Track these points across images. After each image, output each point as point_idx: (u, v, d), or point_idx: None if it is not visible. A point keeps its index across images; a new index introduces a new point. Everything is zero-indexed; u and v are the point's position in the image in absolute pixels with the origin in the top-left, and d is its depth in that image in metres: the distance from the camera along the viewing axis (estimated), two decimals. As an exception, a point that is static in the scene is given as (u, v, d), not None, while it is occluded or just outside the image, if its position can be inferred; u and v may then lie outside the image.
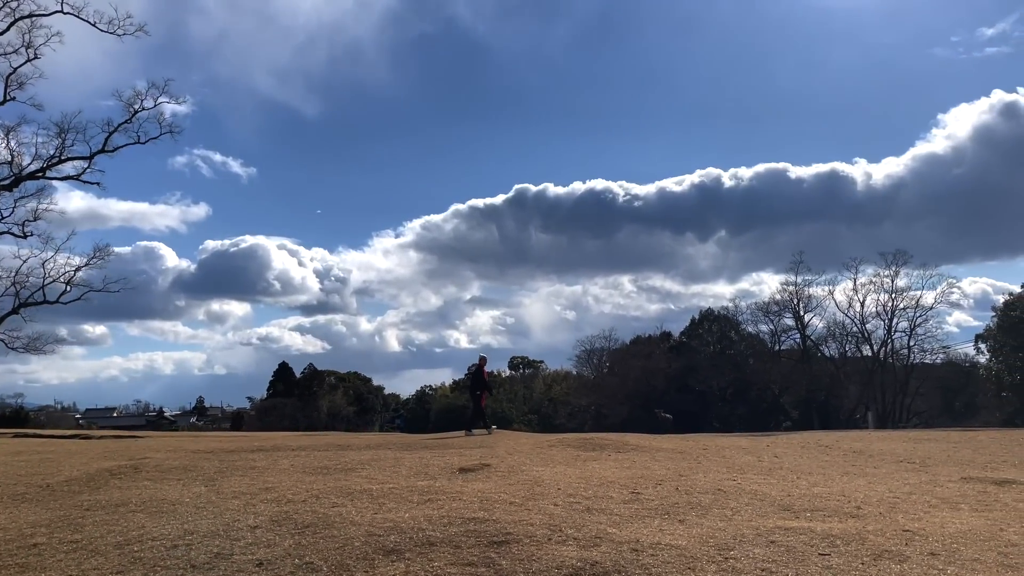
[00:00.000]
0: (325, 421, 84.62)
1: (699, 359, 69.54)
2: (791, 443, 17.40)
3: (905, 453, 15.19)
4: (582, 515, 7.97)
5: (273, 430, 76.14)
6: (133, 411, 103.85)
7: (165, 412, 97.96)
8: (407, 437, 18.59)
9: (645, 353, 70.70)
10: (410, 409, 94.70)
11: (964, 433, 23.80)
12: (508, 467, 11.28)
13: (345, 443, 15.83)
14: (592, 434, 18.90)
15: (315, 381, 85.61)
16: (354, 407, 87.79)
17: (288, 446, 15.05)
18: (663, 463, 12.26)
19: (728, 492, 9.43)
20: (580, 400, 77.62)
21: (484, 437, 18.06)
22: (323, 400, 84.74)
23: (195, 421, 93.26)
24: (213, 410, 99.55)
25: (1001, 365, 53.41)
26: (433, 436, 22.79)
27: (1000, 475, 11.60)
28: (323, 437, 19.51)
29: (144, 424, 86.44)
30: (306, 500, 8.73)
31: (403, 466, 11.42)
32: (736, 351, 71.85)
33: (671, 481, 10.14)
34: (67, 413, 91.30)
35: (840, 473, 11.67)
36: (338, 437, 19.39)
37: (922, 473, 11.93)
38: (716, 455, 13.99)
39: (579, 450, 14.02)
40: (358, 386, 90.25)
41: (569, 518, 7.79)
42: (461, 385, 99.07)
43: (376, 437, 19.45)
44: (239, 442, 16.96)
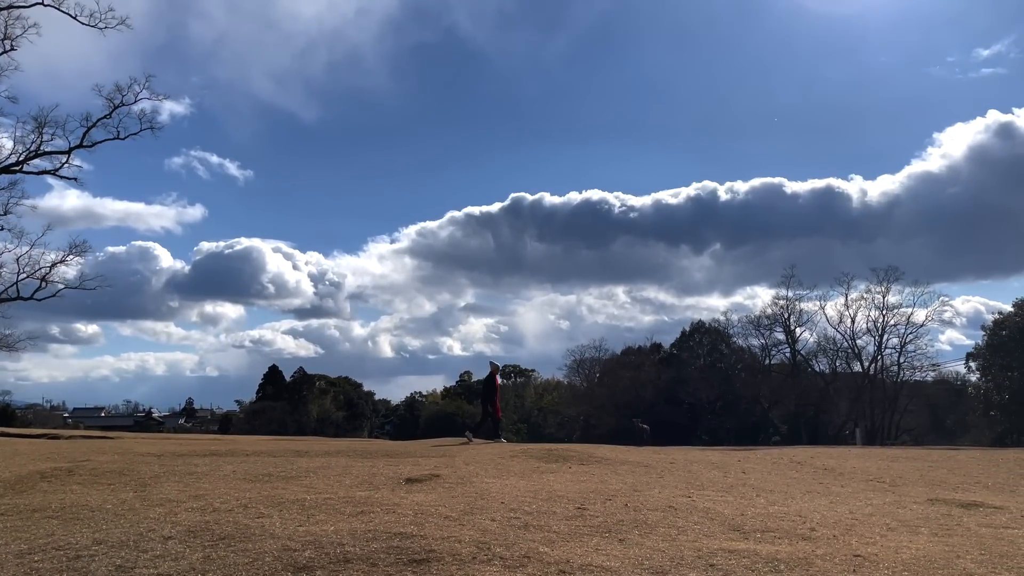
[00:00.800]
0: (314, 426, 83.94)
1: (689, 371, 69.16)
2: (764, 459, 16.95)
3: (878, 472, 14.75)
4: (517, 532, 7.52)
5: (261, 433, 75.60)
6: (123, 411, 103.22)
7: (153, 413, 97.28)
8: (370, 444, 18.13)
9: (635, 364, 70.35)
10: (400, 415, 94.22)
11: (945, 452, 23.37)
12: (458, 478, 10.83)
13: (304, 449, 15.37)
14: (560, 445, 18.45)
15: (305, 385, 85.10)
16: (343, 412, 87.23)
17: (244, 451, 14.59)
18: (623, 477, 11.82)
19: (679, 509, 8.99)
20: (570, 410, 77.18)
21: (447, 447, 17.61)
22: (312, 404, 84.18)
23: (183, 423, 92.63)
24: (202, 412, 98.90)
25: (990, 384, 53.11)
26: (424, 442, 22.34)
27: (969, 497, 11.16)
28: (285, 442, 19.03)
29: (131, 425, 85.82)
30: (232, 509, 8.27)
31: (351, 475, 10.97)
32: (726, 364, 71.48)
33: (623, 496, 9.70)
34: (55, 412, 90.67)
35: (804, 492, 11.23)
36: (300, 442, 18.91)
37: (889, 493, 11.49)
38: (682, 469, 13.55)
39: (541, 461, 13.57)
40: (348, 391, 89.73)
41: (502, 535, 7.34)
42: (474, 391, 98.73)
43: (343, 443, 18.98)
44: (198, 445, 16.49)
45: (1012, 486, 13.13)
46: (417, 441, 22.37)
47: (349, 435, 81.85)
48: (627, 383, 66.81)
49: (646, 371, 68.18)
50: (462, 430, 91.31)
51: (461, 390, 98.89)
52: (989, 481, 13.81)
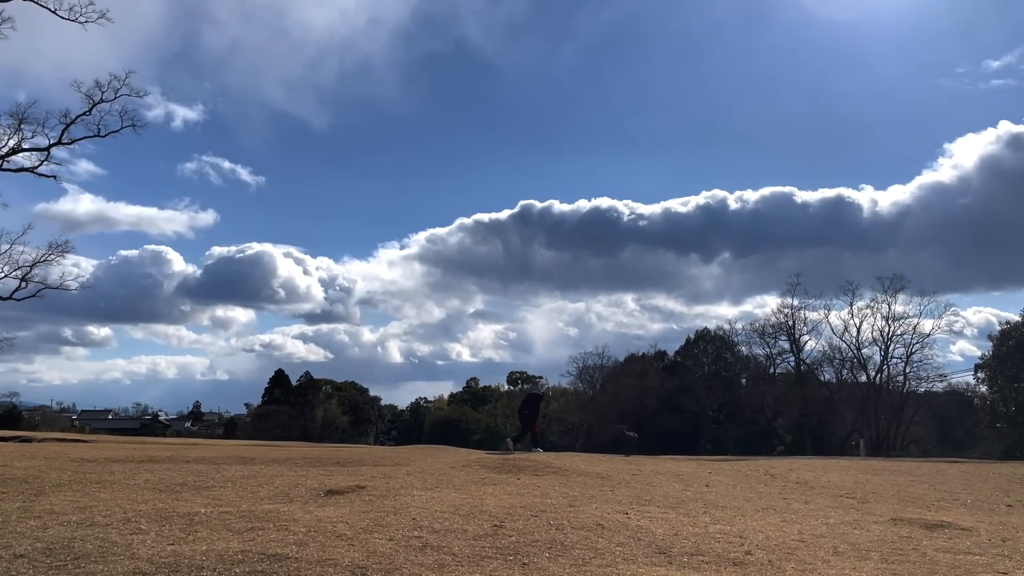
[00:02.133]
0: (319, 430, 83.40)
1: (693, 380, 68.01)
2: (736, 470, 16.03)
3: (852, 486, 13.82)
4: (409, 554, 6.71)
5: (267, 437, 75.22)
6: (132, 414, 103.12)
7: (160, 416, 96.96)
8: (329, 451, 17.31)
9: (638, 372, 69.28)
10: (404, 421, 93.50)
11: (937, 465, 22.32)
12: (386, 490, 10.02)
13: (252, 456, 14.58)
14: (527, 454, 17.61)
15: (311, 390, 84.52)
16: (349, 417, 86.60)
17: (185, 457, 13.84)
18: (569, 490, 10.97)
19: (608, 528, 8.14)
20: (573, 417, 76.17)
21: (412, 455, 16.80)
22: (318, 409, 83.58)
23: (189, 426, 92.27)
24: (209, 416, 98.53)
25: (996, 395, 51.62)
26: (394, 449, 21.54)
27: (939, 516, 10.23)
28: (246, 448, 18.24)
29: (138, 428, 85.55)
30: (111, 524, 7.50)
31: (272, 485, 10.18)
32: (731, 373, 70.31)
33: (554, 512, 8.86)
34: (63, 414, 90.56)
35: (759, 508, 10.34)
36: (260, 448, 18.13)
37: (853, 511, 10.58)
38: (641, 482, 12.68)
39: (491, 472, 12.74)
40: (354, 396, 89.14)
41: (389, 558, 6.53)
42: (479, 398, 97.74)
43: (303, 450, 18.19)
44: (151, 451, 15.78)
45: (992, 504, 12.17)
46: (389, 448, 21.58)
47: (353, 440, 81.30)
48: (630, 391, 65.72)
49: (649, 379, 67.09)
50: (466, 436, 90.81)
51: (467, 396, 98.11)
52: (969, 498, 12.85)
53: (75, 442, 22.93)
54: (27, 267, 36.55)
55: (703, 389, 66.30)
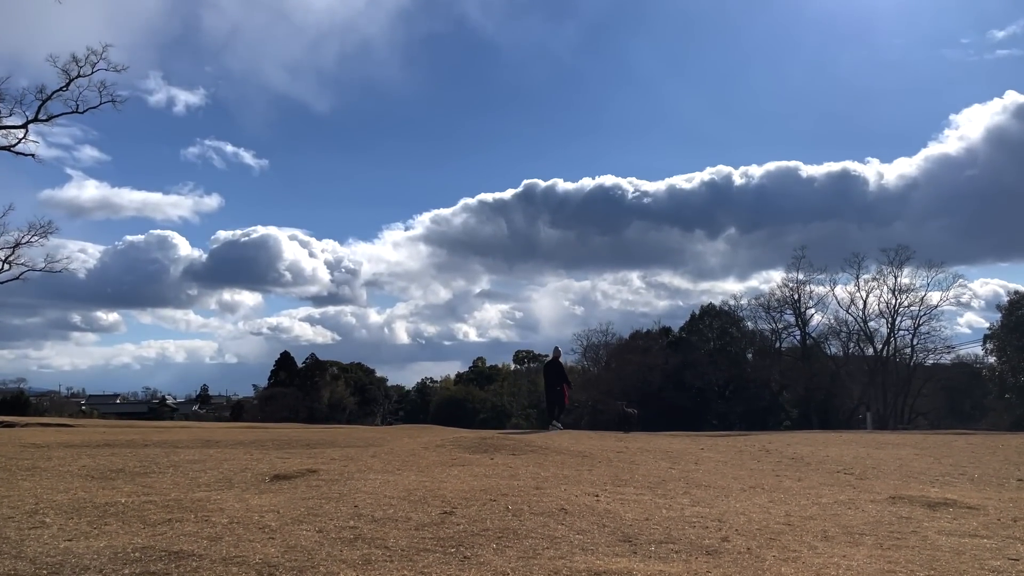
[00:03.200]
0: (326, 412, 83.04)
1: (697, 356, 67.00)
2: (731, 446, 15.16)
3: (852, 461, 12.92)
4: (336, 548, 5.87)
5: (273, 420, 74.76)
6: (142, 397, 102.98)
7: (168, 400, 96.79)
8: (301, 432, 16.49)
9: (643, 348, 68.29)
10: (411, 401, 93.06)
11: (945, 437, 21.39)
12: (339, 474, 9.19)
13: (218, 439, 13.77)
14: (509, 432, 16.75)
15: (316, 371, 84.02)
16: (356, 398, 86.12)
17: (145, 441, 13.04)
18: (542, 469, 10.11)
19: (572, 513, 7.28)
20: (579, 395, 75.35)
21: (385, 436, 16.00)
22: (324, 390, 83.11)
23: (197, 409, 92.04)
24: (217, 399, 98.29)
25: (1005, 366, 50.60)
26: (374, 429, 20.75)
27: (943, 494, 9.33)
28: (217, 431, 17.46)
29: (145, 412, 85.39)
30: (15, 517, 6.69)
31: (216, 470, 9.36)
32: (736, 348, 69.26)
33: (517, 496, 8.00)
34: (73, 399, 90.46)
35: (746, 487, 9.46)
36: (230, 431, 17.32)
37: (849, 488, 9.69)
38: (625, 460, 11.82)
39: (466, 451, 11.90)
40: (360, 377, 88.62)
41: (310, 553, 5.70)
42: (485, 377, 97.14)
43: (276, 432, 17.41)
44: (121, 434, 15.00)
45: (1001, 479, 11.25)
46: (375, 428, 20.77)
47: (360, 421, 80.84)
48: (635, 368, 64.77)
49: (654, 355, 66.10)
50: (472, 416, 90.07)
51: (473, 376, 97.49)
52: (977, 472, 11.93)
53: (59, 426, 22.22)
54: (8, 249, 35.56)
55: (708, 365, 65.28)
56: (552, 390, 23.29)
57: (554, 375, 23.43)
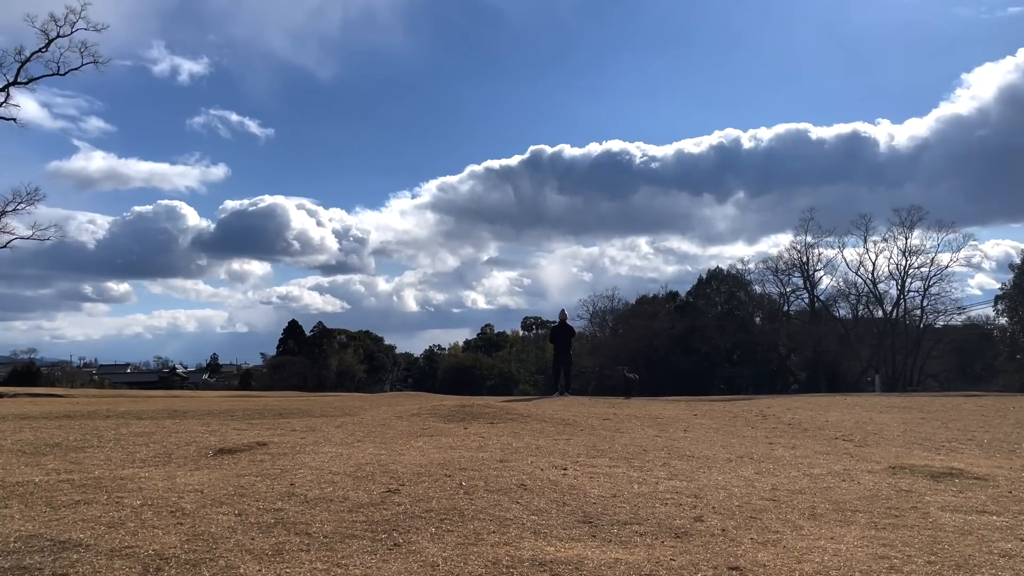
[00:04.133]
0: (335, 379, 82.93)
1: (705, 320, 66.10)
2: (727, 411, 14.36)
3: (853, 426, 12.12)
4: (248, 535, 5.12)
5: (282, 388, 74.63)
6: (153, 367, 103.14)
7: (177, 369, 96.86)
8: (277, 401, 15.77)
9: (650, 313, 67.46)
10: (419, 368, 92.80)
11: (954, 400, 20.53)
12: (291, 446, 8.44)
13: (184, 409, 13.12)
14: (491, 399, 16.01)
15: (324, 339, 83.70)
16: (364, 366, 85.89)
17: (107, 412, 12.36)
18: (516, 440, 9.34)
19: (532, 489, 6.51)
20: (586, 361, 74.76)
21: (369, 403, 15.30)
22: (332, 359, 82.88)
23: (207, 378, 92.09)
24: (227, 368, 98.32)
25: (1016, 326, 49.53)
26: (357, 397, 20.11)
27: (948, 462, 8.51)
28: (183, 400, 16.80)
29: (156, 381, 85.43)
30: (-94, 499, 5.99)
31: (159, 445, 8.63)
32: (743, 312, 68.31)
33: (477, 470, 7.24)
34: (84, 369, 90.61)
35: (735, 457, 8.67)
36: (210, 400, 16.66)
37: (847, 457, 8.89)
38: (609, 428, 11.05)
39: (440, 420, 11.15)
40: (369, 345, 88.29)
41: (215, 542, 4.95)
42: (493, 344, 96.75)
43: (248, 401, 16.73)
44: (90, 404, 14.39)
45: (1013, 444, 10.42)
46: (361, 396, 20.11)
47: (369, 389, 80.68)
48: (641, 333, 64.00)
49: (660, 320, 65.29)
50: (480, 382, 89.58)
51: (481, 343, 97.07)
52: (987, 437, 11.10)
53: (49, 396, 21.69)
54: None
55: (715, 329, 64.39)
56: (561, 355, 22.45)
57: (562, 339, 22.49)
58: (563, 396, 20.17)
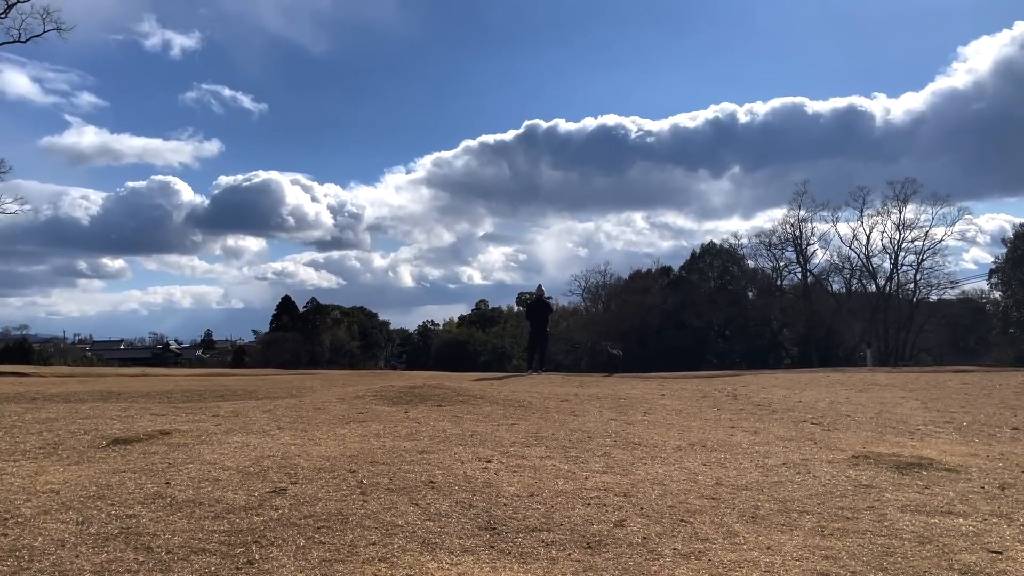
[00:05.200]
0: (328, 356, 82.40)
1: (697, 295, 65.36)
2: (697, 390, 13.56)
3: (826, 408, 11.32)
4: (77, 550, 4.33)
5: (275, 364, 74.05)
6: (149, 343, 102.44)
7: (171, 345, 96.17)
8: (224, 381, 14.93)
9: (642, 288, 66.69)
10: (413, 344, 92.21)
11: (939, 376, 19.74)
12: (195, 436, 7.63)
13: (121, 390, 12.32)
14: (448, 380, 15.22)
15: (317, 315, 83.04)
16: (358, 342, 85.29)
17: (43, 393, 11.56)
18: (453, 426, 8.54)
19: (440, 488, 5.72)
20: (578, 336, 74.10)
21: (309, 385, 14.52)
22: (326, 334, 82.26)
23: (200, 354, 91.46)
24: (222, 344, 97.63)
25: (1009, 300, 48.78)
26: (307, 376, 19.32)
27: (918, 450, 7.72)
28: (129, 381, 15.99)
29: (149, 357, 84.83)
30: None
31: (52, 433, 7.80)
32: (737, 286, 67.54)
33: (388, 463, 6.44)
34: (77, 345, 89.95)
35: (686, 445, 7.87)
36: (136, 382, 15.88)
37: (809, 444, 8.09)
38: (564, 411, 10.25)
39: (382, 403, 10.35)
40: (363, 321, 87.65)
41: (30, 558, 4.16)
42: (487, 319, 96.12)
43: (204, 383, 15.95)
44: (38, 386, 13.60)
45: (993, 427, 9.63)
46: (317, 374, 19.33)
47: (363, 364, 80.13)
48: (634, 308, 63.25)
49: (653, 295, 64.52)
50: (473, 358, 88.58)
51: (476, 318, 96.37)
52: (966, 419, 10.31)
53: (13, 376, 20.95)
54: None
55: (708, 304, 63.66)
56: (537, 332, 21.24)
57: (538, 316, 21.19)
58: (538, 374, 19.35)
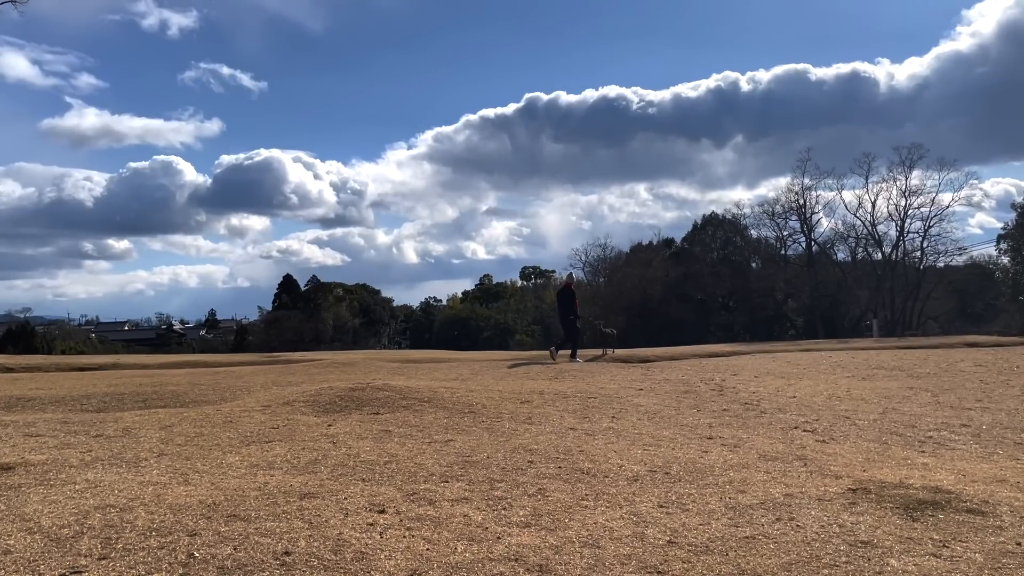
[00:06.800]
0: (331, 333, 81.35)
1: (700, 266, 63.63)
2: (680, 383, 11.98)
3: (822, 405, 9.80)
4: None
5: (279, 342, 72.88)
6: (155, 323, 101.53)
7: (175, 326, 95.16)
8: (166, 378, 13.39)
9: (644, 261, 64.98)
10: (416, 320, 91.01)
11: (947, 354, 18.16)
12: (42, 470, 6.10)
13: (28, 394, 10.86)
14: (394, 382, 13.75)
15: (319, 293, 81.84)
16: (360, 319, 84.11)
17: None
18: (377, 444, 7.04)
19: (294, 561, 4.23)
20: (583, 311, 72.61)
21: (243, 382, 13.09)
22: (327, 312, 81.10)
23: (204, 334, 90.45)
24: (227, 323, 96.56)
25: (1019, 267, 46.96)
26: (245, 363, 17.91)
27: (931, 476, 6.19)
28: (55, 380, 14.55)
29: (154, 338, 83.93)
30: None
31: None
32: (740, 257, 65.76)
33: (249, 519, 4.95)
34: (83, 327, 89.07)
35: (644, 473, 6.36)
36: (67, 380, 14.42)
37: (799, 466, 6.55)
38: (519, 417, 8.75)
39: (310, 412, 8.86)
40: (365, 298, 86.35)
41: None
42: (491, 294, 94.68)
43: (147, 379, 14.52)
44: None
45: (1019, 431, 8.08)
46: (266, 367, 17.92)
47: (364, 342, 78.95)
48: (635, 281, 61.60)
49: (655, 268, 62.84)
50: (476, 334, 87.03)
51: (479, 294, 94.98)
52: (985, 419, 8.76)
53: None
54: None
55: (711, 276, 61.97)
56: (562, 320, 20.70)
57: (562, 305, 20.59)
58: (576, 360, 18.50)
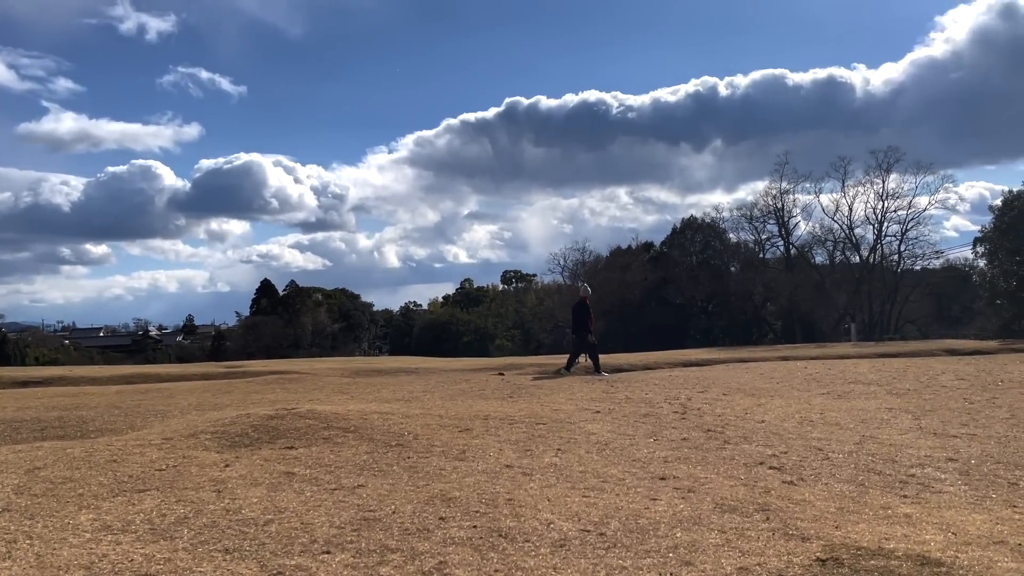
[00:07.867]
0: (310, 339, 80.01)
1: (679, 270, 62.88)
2: (642, 404, 10.88)
3: (793, 431, 8.76)
4: None
5: (257, 348, 71.40)
6: (132, 328, 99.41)
7: (151, 331, 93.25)
8: (75, 399, 12.16)
9: (623, 265, 64.17)
10: (396, 325, 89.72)
11: (926, 364, 17.24)
12: None
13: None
14: (322, 408, 12.63)
15: (298, 298, 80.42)
16: (340, 324, 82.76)
17: None
18: (270, 493, 5.92)
19: None
20: (559, 315, 71.66)
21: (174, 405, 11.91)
22: (306, 318, 79.72)
23: (181, 340, 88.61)
24: (204, 328, 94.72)
25: (996, 270, 46.32)
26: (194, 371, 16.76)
27: (913, 531, 5.13)
28: None
29: (130, 344, 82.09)
30: None
31: None
32: (719, 261, 65.05)
33: None
34: (57, 334, 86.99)
35: (575, 535, 5.28)
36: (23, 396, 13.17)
37: (760, 521, 5.51)
38: (451, 453, 7.66)
39: (213, 448, 7.70)
40: (344, 303, 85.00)
41: None
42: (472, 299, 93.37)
43: (85, 399, 13.30)
44: None
45: (1012, 465, 7.06)
46: (201, 386, 16.75)
47: (344, 347, 77.60)
48: (614, 286, 60.70)
49: (633, 272, 62.02)
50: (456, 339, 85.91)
51: (460, 298, 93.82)
52: (974, 450, 7.74)
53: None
54: None
55: (690, 280, 61.21)
56: (575, 334, 19.94)
57: (575, 319, 19.90)
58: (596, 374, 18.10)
